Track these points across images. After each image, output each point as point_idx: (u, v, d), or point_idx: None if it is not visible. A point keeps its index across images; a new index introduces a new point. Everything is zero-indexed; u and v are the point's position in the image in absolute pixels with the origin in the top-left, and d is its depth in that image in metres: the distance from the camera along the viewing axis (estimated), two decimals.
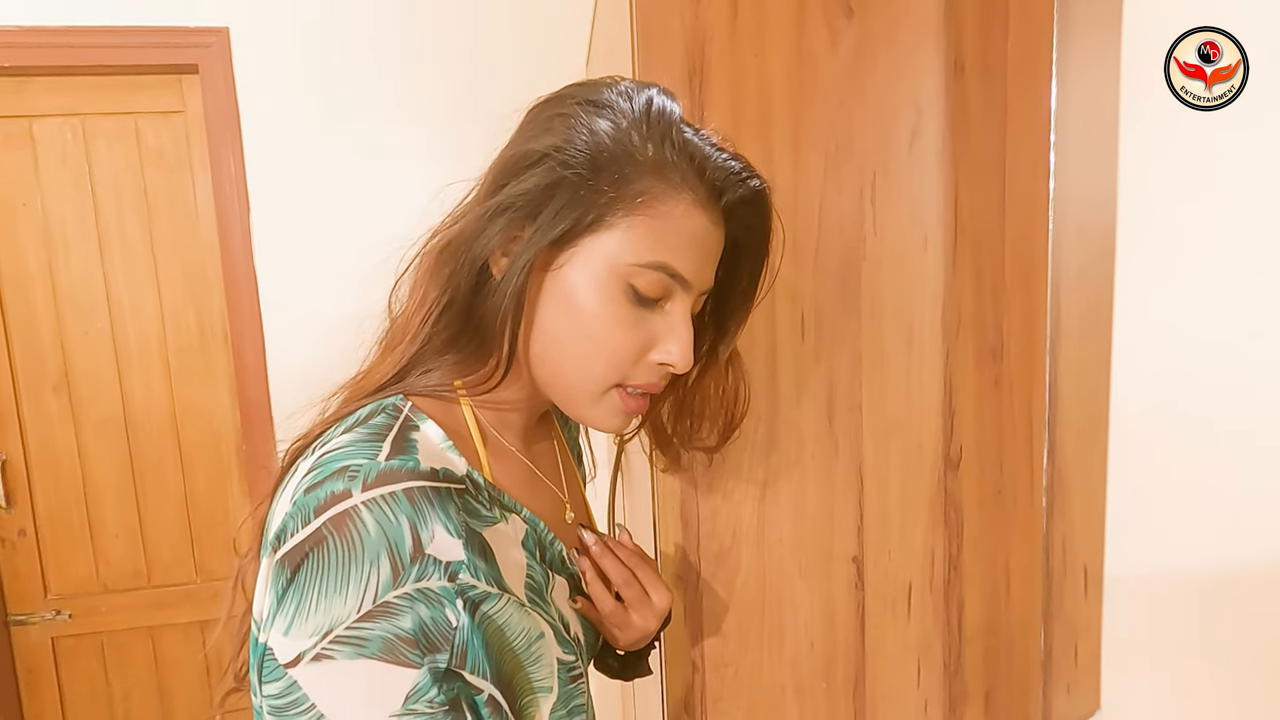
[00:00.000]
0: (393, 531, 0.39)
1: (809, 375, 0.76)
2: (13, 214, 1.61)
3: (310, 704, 0.39)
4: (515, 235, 0.46)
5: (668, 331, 0.48)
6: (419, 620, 0.39)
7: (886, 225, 0.76)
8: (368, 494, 0.40)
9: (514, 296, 0.45)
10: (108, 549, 1.70)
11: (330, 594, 0.38)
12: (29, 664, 1.70)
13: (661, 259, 0.46)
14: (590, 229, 0.45)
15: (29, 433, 1.66)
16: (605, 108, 0.46)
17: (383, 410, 0.46)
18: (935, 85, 0.74)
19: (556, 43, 1.60)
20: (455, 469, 0.46)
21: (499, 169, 0.48)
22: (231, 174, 1.58)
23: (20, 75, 1.56)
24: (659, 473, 0.74)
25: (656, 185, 0.46)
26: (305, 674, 0.39)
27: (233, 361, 1.65)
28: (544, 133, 0.47)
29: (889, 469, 0.78)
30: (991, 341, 0.78)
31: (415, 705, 0.38)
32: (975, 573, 0.80)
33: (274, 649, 0.40)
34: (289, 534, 0.40)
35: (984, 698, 0.82)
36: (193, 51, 1.56)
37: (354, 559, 0.38)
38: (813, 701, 0.80)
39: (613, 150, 0.45)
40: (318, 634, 0.38)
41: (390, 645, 0.38)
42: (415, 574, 0.39)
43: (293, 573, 0.39)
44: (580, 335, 0.47)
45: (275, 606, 0.40)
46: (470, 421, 0.50)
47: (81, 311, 1.65)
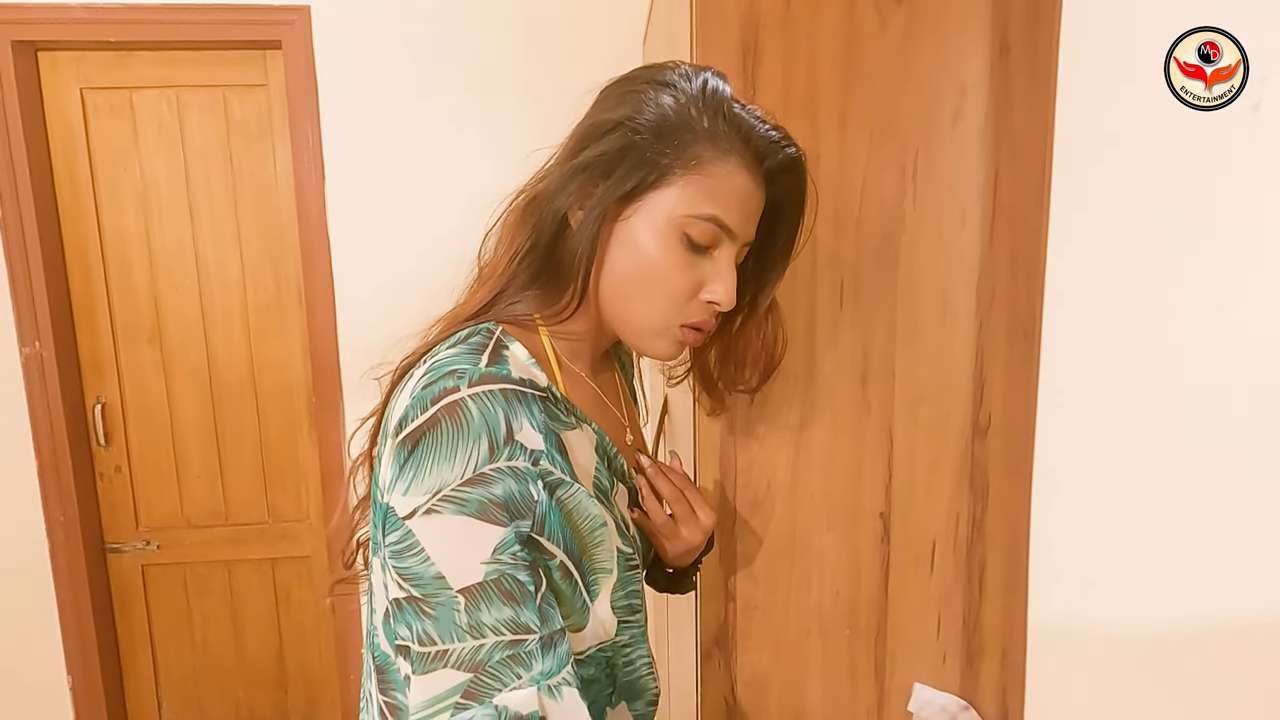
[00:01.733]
0: (491, 419, 0.49)
1: (845, 341, 0.81)
2: (115, 178, 1.75)
3: (421, 548, 0.48)
4: (590, 191, 0.55)
5: (715, 275, 0.57)
6: (508, 490, 0.48)
7: (926, 202, 0.79)
8: (472, 389, 0.49)
9: (589, 242, 0.54)
10: (191, 488, 1.87)
11: (441, 462, 0.48)
12: (122, 588, 1.88)
13: (712, 212, 0.54)
14: (653, 186, 0.54)
15: (125, 379, 1.82)
16: (669, 86, 0.55)
17: (479, 332, 0.56)
18: (980, 67, 0.78)
19: (616, 24, 1.65)
20: (538, 380, 0.55)
21: (579, 135, 0.57)
22: (309, 144, 1.69)
23: (122, 49, 1.70)
24: (703, 420, 0.81)
25: (709, 151, 0.54)
26: (418, 524, 0.48)
27: (306, 320, 1.78)
28: (617, 105, 0.55)
29: (918, 433, 0.83)
30: (1024, 320, 0.81)
31: (501, 556, 0.48)
32: (998, 535, 0.85)
33: (395, 507, 0.49)
34: (409, 420, 0.49)
35: (1000, 655, 0.87)
36: (276, 28, 1.66)
37: (461, 437, 0.48)
38: (835, 646, 0.86)
39: (674, 121, 0.54)
40: (430, 493, 0.47)
41: (484, 507, 0.48)
42: (507, 454, 0.48)
43: (413, 447, 0.48)
44: (644, 274, 0.56)
45: (397, 474, 0.49)
46: (548, 348, 0.59)
47: (172, 270, 1.80)
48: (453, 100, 1.68)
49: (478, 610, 0.47)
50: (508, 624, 0.47)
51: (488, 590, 0.47)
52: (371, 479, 0.56)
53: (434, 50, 1.67)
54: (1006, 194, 0.80)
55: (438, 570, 0.47)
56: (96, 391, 1.81)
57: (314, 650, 1.95)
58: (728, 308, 0.58)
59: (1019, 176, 0.79)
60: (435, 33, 1.67)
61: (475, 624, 0.47)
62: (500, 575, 0.48)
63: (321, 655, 1.95)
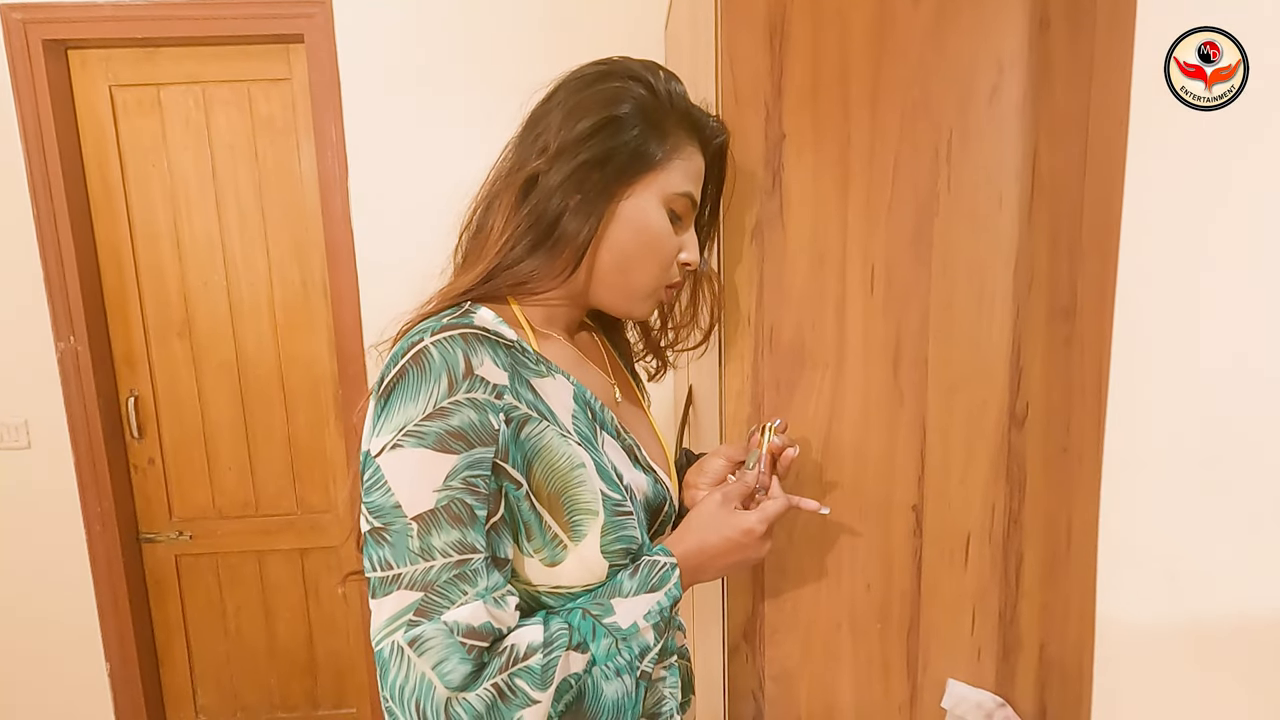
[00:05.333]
0: (451, 358, 0.54)
1: (876, 328, 0.79)
2: (145, 175, 1.78)
3: (384, 480, 0.53)
4: (589, 176, 0.62)
5: (687, 241, 0.67)
6: (467, 420, 0.53)
7: (962, 183, 0.77)
8: (435, 338, 0.55)
9: (595, 219, 0.62)
10: (222, 479, 1.90)
11: (406, 403, 0.54)
12: (156, 577, 1.92)
13: (688, 189, 0.65)
14: (648, 170, 0.63)
15: (157, 373, 1.85)
16: (643, 80, 0.63)
17: (449, 309, 0.61)
18: (1018, 42, 0.75)
19: (637, 12, 1.63)
20: (506, 335, 0.59)
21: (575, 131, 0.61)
22: (332, 139, 1.70)
23: (150, 46, 1.72)
24: (729, 410, 0.79)
25: (681, 135, 0.64)
26: (385, 460, 0.53)
27: (332, 316, 1.79)
28: (606, 103, 0.62)
29: (952, 423, 0.80)
30: (1064, 301, 0.78)
31: (452, 482, 0.53)
32: (1036, 528, 0.82)
33: (368, 450, 0.55)
34: (385, 376, 0.56)
35: (1038, 649, 0.84)
36: (298, 21, 1.67)
37: (424, 379, 0.54)
38: (866, 641, 0.84)
39: (655, 114, 0.63)
40: (395, 430, 0.53)
41: (441, 438, 0.53)
42: (466, 387, 0.54)
43: (386, 396, 0.55)
44: (645, 244, 0.64)
45: (373, 421, 0.55)
46: (518, 315, 0.64)
47: (202, 265, 1.82)
48: (473, 92, 1.67)
49: (428, 535, 0.52)
50: (454, 545, 0.52)
51: (438, 515, 0.52)
52: None
53: (454, 42, 1.66)
54: (1046, 174, 0.77)
55: (395, 500, 0.53)
56: (130, 385, 1.84)
57: (343, 638, 1.98)
58: (696, 266, 0.68)
59: (1059, 155, 0.76)
60: (455, 24, 1.66)
61: (425, 547, 0.52)
62: (450, 501, 0.53)
63: (350, 643, 1.98)
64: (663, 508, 0.69)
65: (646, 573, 0.61)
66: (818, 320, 0.79)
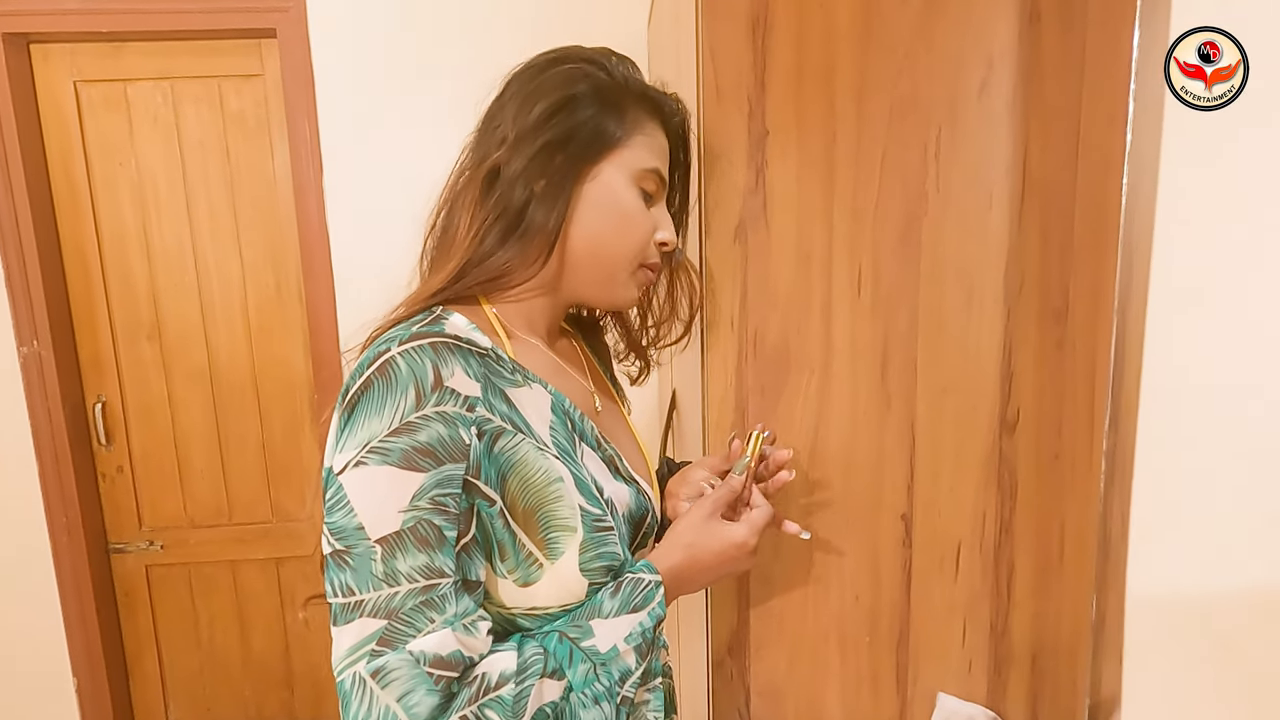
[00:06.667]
0: (419, 370, 0.51)
1: (863, 332, 0.76)
2: (112, 173, 1.72)
3: (348, 501, 0.50)
4: (551, 161, 0.59)
5: (661, 220, 0.65)
6: (435, 435, 0.50)
7: (951, 181, 0.74)
8: (402, 347, 0.52)
9: (563, 202, 0.59)
10: (194, 487, 1.84)
11: (371, 417, 0.50)
12: (126, 588, 1.86)
13: (654, 165, 0.63)
14: (612, 149, 0.61)
15: (125, 378, 1.79)
16: (595, 62, 0.62)
17: (419, 314, 0.58)
18: (1008, 35, 0.72)
19: (618, 10, 1.60)
20: (479, 341, 0.56)
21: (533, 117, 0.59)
22: (306, 137, 1.65)
23: (116, 40, 1.66)
24: (712, 416, 0.76)
25: (640, 113, 0.63)
26: (348, 478, 0.50)
27: (307, 318, 1.74)
28: (563, 85, 0.60)
29: (942, 428, 0.78)
30: (1056, 303, 0.76)
31: (419, 503, 0.49)
32: (1027, 536, 0.80)
33: (330, 467, 0.51)
34: (349, 388, 0.52)
35: (1030, 661, 0.82)
36: (271, 16, 1.62)
37: (389, 391, 0.50)
38: (855, 653, 0.82)
39: (612, 92, 0.61)
40: (359, 446, 0.50)
41: (408, 455, 0.49)
42: (435, 400, 0.50)
43: (350, 409, 0.51)
44: (617, 224, 0.62)
45: (336, 436, 0.51)
46: (492, 318, 0.61)
47: (171, 266, 1.76)
48: (452, 89, 1.62)
49: (393, 559, 0.49)
50: (421, 570, 0.49)
51: (404, 538, 0.49)
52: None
53: (433, 37, 1.62)
54: (1037, 171, 0.74)
55: (359, 521, 0.49)
56: (97, 391, 1.78)
57: (320, 650, 1.92)
58: (673, 245, 0.65)
59: (1050, 152, 0.74)
60: (434, 19, 1.62)
61: (390, 572, 0.49)
62: (417, 522, 0.49)
63: (327, 654, 1.92)
64: (645, 519, 0.65)
65: (629, 591, 0.57)
66: (803, 323, 0.76)
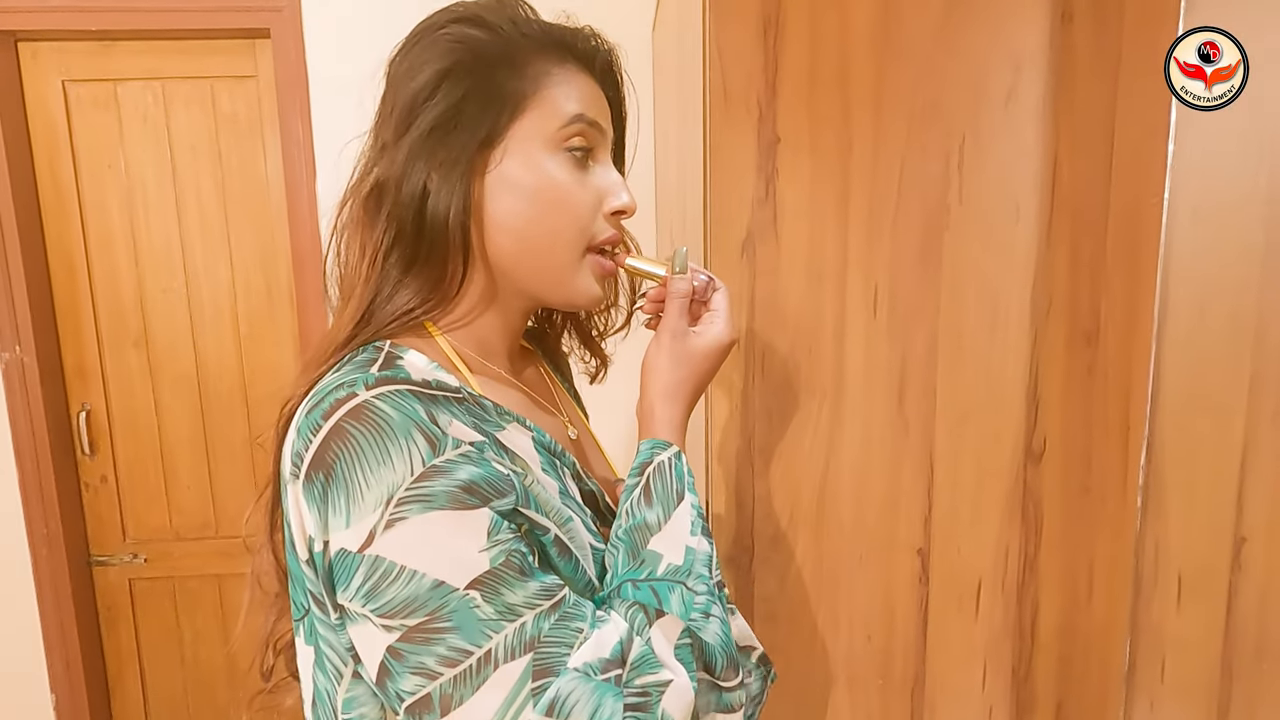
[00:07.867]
0: (414, 414, 0.42)
1: (879, 354, 0.71)
2: (100, 175, 1.67)
3: (400, 567, 0.41)
4: (440, 154, 0.49)
5: (608, 184, 0.53)
6: (473, 474, 0.42)
7: (974, 194, 0.70)
8: (373, 391, 0.42)
9: (461, 199, 0.49)
10: (180, 499, 1.79)
11: (376, 469, 0.41)
12: (108, 602, 1.81)
13: (577, 110, 0.51)
14: (512, 118, 0.50)
15: (111, 385, 1.74)
16: (472, 19, 0.51)
17: (365, 350, 0.49)
18: (1038, 39, 0.68)
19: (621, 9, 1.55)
20: (447, 382, 0.48)
21: (403, 107, 0.50)
22: (299, 139, 1.61)
23: (106, 39, 1.62)
24: (717, 443, 0.71)
25: (543, 61, 0.51)
26: (384, 544, 0.41)
27: (298, 326, 1.69)
28: (432, 60, 0.50)
29: (963, 458, 0.73)
30: (1086, 325, 0.71)
31: (499, 536, 0.42)
32: (1053, 574, 0.75)
33: (342, 548, 0.42)
34: (305, 451, 0.42)
35: (1055, 708, 0.77)
36: (264, 16, 1.58)
37: (387, 436, 0.41)
38: (866, 697, 0.77)
39: (500, 48, 0.50)
40: (380, 505, 0.41)
41: (455, 496, 0.41)
42: (451, 445, 0.42)
43: (327, 473, 0.41)
44: (543, 209, 0.51)
45: (322, 512, 0.42)
46: (448, 350, 0.52)
47: (160, 271, 1.72)
48: None
49: (499, 596, 0.41)
50: (537, 594, 0.42)
51: (499, 575, 0.42)
52: (285, 555, 0.47)
53: None
54: (1067, 184, 0.69)
55: (433, 579, 0.41)
56: (81, 398, 1.74)
57: None
58: (634, 210, 0.54)
59: (1081, 164, 0.69)
60: None
61: (503, 609, 0.41)
62: (507, 555, 0.42)
63: None
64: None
65: (659, 486, 0.50)
66: (814, 344, 0.71)
